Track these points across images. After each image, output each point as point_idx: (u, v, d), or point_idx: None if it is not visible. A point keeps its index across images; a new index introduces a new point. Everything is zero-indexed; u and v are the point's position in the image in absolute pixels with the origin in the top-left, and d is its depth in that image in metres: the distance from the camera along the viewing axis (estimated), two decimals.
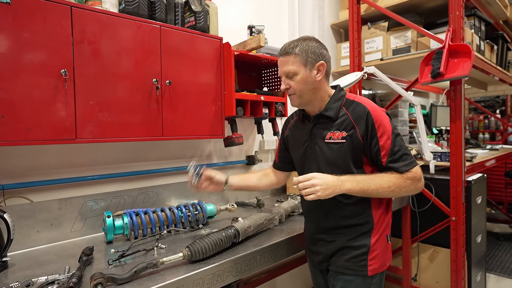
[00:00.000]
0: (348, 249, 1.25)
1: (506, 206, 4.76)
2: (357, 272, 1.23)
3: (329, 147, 1.23)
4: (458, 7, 2.15)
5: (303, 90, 1.22)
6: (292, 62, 1.20)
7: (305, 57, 1.19)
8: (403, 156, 1.18)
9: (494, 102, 5.25)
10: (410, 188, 1.18)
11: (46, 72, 1.28)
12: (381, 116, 1.19)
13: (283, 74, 1.24)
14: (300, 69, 1.20)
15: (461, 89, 2.19)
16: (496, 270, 3.14)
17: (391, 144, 1.17)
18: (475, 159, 2.50)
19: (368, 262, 1.23)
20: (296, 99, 1.25)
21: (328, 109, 1.25)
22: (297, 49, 1.19)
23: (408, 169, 1.17)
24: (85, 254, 1.24)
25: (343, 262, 1.25)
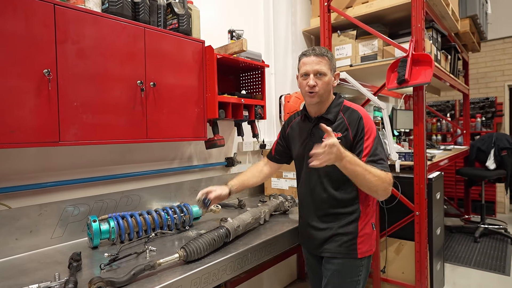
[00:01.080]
0: (339, 235, 1.40)
1: (456, 201, 5.21)
2: (349, 255, 1.39)
3: None
4: (419, 20, 2.35)
5: (326, 89, 1.39)
6: (324, 63, 1.37)
7: (333, 64, 1.41)
8: (380, 161, 1.33)
9: (445, 106, 5.74)
10: (386, 186, 1.29)
11: (29, 72, 1.23)
12: (371, 123, 1.37)
13: (314, 72, 1.37)
14: (328, 72, 1.38)
15: (423, 94, 2.40)
16: (451, 260, 3.44)
17: (372, 148, 1.33)
18: (434, 159, 2.73)
19: (357, 246, 1.39)
20: (317, 96, 1.39)
21: (328, 113, 1.43)
22: (329, 55, 1.40)
23: (386, 170, 1.32)
24: (74, 260, 1.21)
25: (336, 248, 1.40)
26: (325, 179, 1.41)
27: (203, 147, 2.19)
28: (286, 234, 1.64)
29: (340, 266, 1.40)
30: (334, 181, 1.39)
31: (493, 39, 5.31)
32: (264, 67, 2.27)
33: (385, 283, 2.66)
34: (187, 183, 2.10)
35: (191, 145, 2.17)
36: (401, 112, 4.18)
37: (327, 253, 1.42)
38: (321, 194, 1.42)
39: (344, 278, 1.40)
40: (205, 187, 2.15)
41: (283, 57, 2.99)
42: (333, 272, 1.41)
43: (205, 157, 2.27)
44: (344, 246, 1.39)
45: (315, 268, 1.57)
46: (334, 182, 1.40)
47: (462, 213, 4.88)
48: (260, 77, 2.31)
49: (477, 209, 4.95)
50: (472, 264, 3.32)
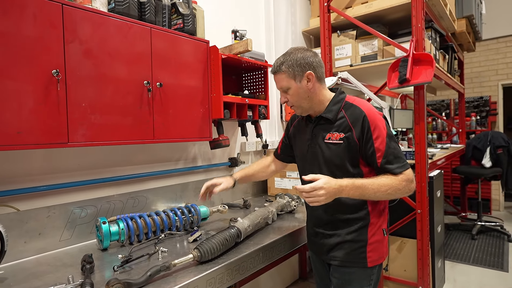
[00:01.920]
0: (348, 242, 1.32)
1: (452, 199, 5.28)
2: (358, 264, 1.31)
3: (328, 147, 1.32)
4: (420, 20, 2.38)
5: (298, 100, 1.32)
6: (282, 79, 1.30)
7: (292, 72, 1.28)
8: (396, 158, 1.24)
9: (440, 105, 5.81)
10: (405, 189, 1.23)
11: (37, 72, 1.22)
12: (376, 119, 1.25)
13: (279, 89, 1.35)
14: (291, 83, 1.29)
15: (423, 93, 2.43)
16: (450, 257, 3.49)
17: (385, 146, 1.23)
18: (434, 157, 2.77)
19: (367, 254, 1.30)
20: (296, 109, 1.36)
21: (327, 112, 1.33)
22: (283, 66, 1.29)
23: (402, 171, 1.23)
24: (87, 262, 1.20)
25: (344, 256, 1.32)
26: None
27: (207, 148, 2.19)
28: (295, 233, 1.64)
29: (348, 275, 1.32)
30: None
31: (487, 39, 5.40)
32: (267, 67, 2.27)
33: (387, 281, 2.69)
34: (192, 183, 2.09)
35: (195, 146, 2.17)
36: (398, 111, 4.22)
37: (335, 261, 1.35)
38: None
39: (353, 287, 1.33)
40: None
41: None
42: (342, 281, 1.34)
43: (209, 157, 2.26)
44: (353, 254, 1.31)
45: (321, 274, 1.50)
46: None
47: (458, 210, 4.94)
48: (263, 77, 2.31)
49: (473, 206, 5.01)
50: (471, 261, 3.37)
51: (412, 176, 1.25)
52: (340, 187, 1.15)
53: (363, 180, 1.20)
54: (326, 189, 1.12)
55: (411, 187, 1.24)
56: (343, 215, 1.33)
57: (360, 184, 1.19)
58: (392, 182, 1.21)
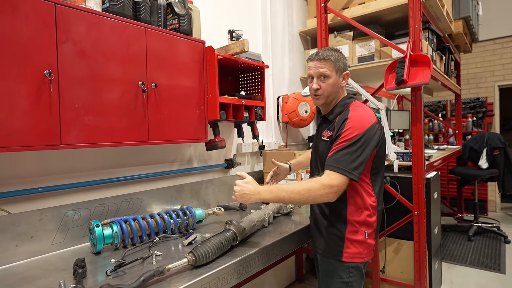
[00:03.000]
0: (327, 234, 1.42)
1: (449, 200, 5.29)
2: (335, 256, 1.39)
3: (321, 143, 1.45)
4: (417, 21, 2.37)
5: (331, 92, 1.41)
6: (327, 66, 1.38)
7: (337, 65, 1.39)
8: (340, 162, 1.25)
9: (436, 106, 5.82)
10: (320, 192, 1.22)
11: (29, 72, 1.19)
12: (356, 124, 1.29)
13: (318, 75, 1.40)
14: (333, 74, 1.39)
15: (421, 95, 2.42)
16: (447, 258, 3.48)
17: (342, 147, 1.27)
18: (431, 158, 2.76)
19: (344, 249, 1.37)
20: (322, 98, 1.43)
21: (330, 113, 1.45)
22: (333, 57, 1.39)
23: (333, 170, 1.25)
24: (79, 266, 1.17)
25: (324, 246, 1.43)
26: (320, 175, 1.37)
27: (202, 149, 2.17)
28: (292, 236, 1.63)
29: (327, 266, 1.42)
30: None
31: (484, 40, 5.41)
32: (263, 68, 2.26)
33: (384, 283, 2.67)
34: (188, 185, 2.07)
35: (191, 147, 2.14)
36: (395, 112, 4.22)
37: (318, 249, 1.47)
38: None
39: (329, 280, 1.41)
40: (205, 190, 2.17)
41: (280, 58, 2.98)
42: (324, 272, 1.45)
43: (205, 159, 2.24)
44: (331, 246, 1.40)
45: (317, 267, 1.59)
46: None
47: (455, 212, 4.94)
48: (259, 78, 2.30)
49: (470, 208, 5.02)
50: (468, 263, 3.37)
51: (336, 184, 1.23)
52: (256, 189, 1.27)
53: (280, 186, 1.28)
54: (240, 186, 1.28)
55: (329, 192, 1.23)
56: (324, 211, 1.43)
57: (275, 188, 1.27)
58: (308, 184, 1.25)
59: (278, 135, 2.92)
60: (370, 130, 1.30)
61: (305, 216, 1.97)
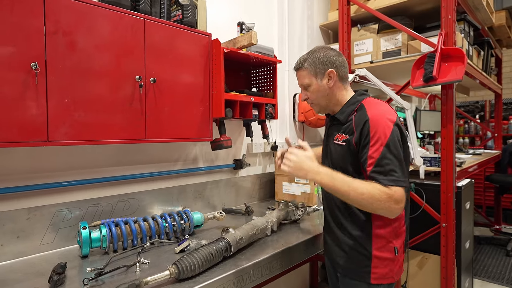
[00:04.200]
0: (348, 250, 1.26)
1: (485, 209, 4.86)
2: (360, 277, 1.23)
3: (334, 147, 1.30)
4: (450, 10, 2.12)
5: (318, 98, 1.32)
6: (304, 75, 1.31)
7: (314, 69, 1.28)
8: (390, 172, 1.10)
9: (473, 107, 5.37)
10: (384, 205, 1.07)
11: (14, 65, 1.13)
12: (380, 125, 1.14)
13: (300, 86, 1.36)
14: (312, 81, 1.30)
15: (452, 93, 2.17)
16: (480, 275, 3.16)
17: (380, 155, 1.12)
18: (464, 164, 2.49)
19: (372, 270, 1.21)
20: (314, 107, 1.38)
21: (340, 113, 1.31)
22: (306, 63, 1.30)
23: (391, 185, 1.09)
24: (56, 272, 1.09)
25: (345, 264, 1.27)
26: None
27: (209, 148, 2.06)
28: (297, 248, 1.47)
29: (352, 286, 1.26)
30: None
31: None
32: (276, 63, 2.11)
33: None
34: (192, 186, 1.97)
35: (196, 146, 2.04)
36: (425, 112, 3.92)
37: (339, 269, 1.31)
38: (334, 199, 1.30)
39: None
40: (210, 191, 2.06)
41: (298, 53, 2.80)
42: None
43: (211, 158, 2.13)
44: (355, 265, 1.24)
45: (333, 281, 1.45)
46: None
47: (491, 222, 4.53)
48: (272, 74, 2.15)
49: (509, 219, 4.59)
50: (505, 281, 3.02)
51: (400, 196, 1.08)
52: (317, 167, 1.14)
53: (345, 176, 1.13)
54: (299, 157, 1.16)
55: (393, 207, 1.08)
56: (346, 219, 1.27)
57: (338, 176, 1.12)
58: (372, 189, 1.08)
59: (294, 135, 2.75)
60: (395, 128, 1.15)
61: (317, 223, 1.81)
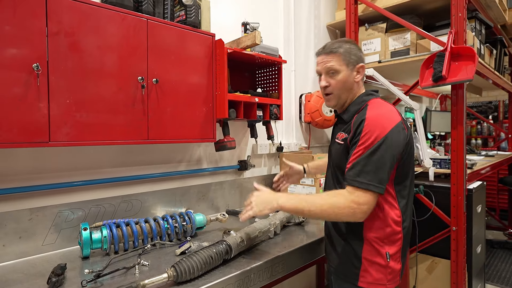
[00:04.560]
0: (342, 251, 1.25)
1: (498, 213, 4.74)
2: (349, 278, 1.22)
3: (334, 146, 1.29)
4: (461, 8, 2.06)
5: (341, 89, 1.24)
6: (335, 60, 1.22)
7: (348, 58, 1.22)
8: (363, 173, 1.07)
9: (486, 107, 5.25)
10: (346, 211, 1.07)
11: (16, 66, 1.14)
12: (373, 127, 1.11)
13: (325, 70, 1.25)
14: (342, 68, 1.22)
15: (463, 93, 2.11)
16: (493, 280, 3.07)
17: (360, 155, 1.10)
18: (475, 166, 2.42)
19: (360, 273, 1.19)
20: (333, 99, 1.27)
21: (345, 112, 1.28)
22: (342, 49, 1.22)
23: (356, 185, 1.07)
24: (55, 274, 1.09)
25: (340, 265, 1.26)
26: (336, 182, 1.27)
27: (213, 149, 2.04)
28: (299, 251, 1.45)
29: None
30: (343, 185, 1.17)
31: None
32: (281, 63, 2.08)
33: None
34: (195, 187, 1.95)
35: (200, 147, 2.03)
36: (436, 113, 3.83)
37: (331, 268, 1.32)
38: None
39: None
40: (214, 192, 2.04)
41: (304, 53, 2.78)
42: None
43: (216, 159, 2.11)
44: (346, 265, 1.23)
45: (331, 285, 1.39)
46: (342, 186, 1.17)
47: (505, 226, 4.40)
48: (276, 74, 2.12)
49: None
50: None
51: (364, 202, 1.07)
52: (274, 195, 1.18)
53: (302, 194, 1.18)
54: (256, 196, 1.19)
55: (356, 212, 1.07)
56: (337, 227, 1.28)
57: (294, 196, 1.17)
58: (331, 198, 1.11)
59: (300, 136, 2.72)
60: (393, 132, 1.11)
61: (322, 226, 1.77)
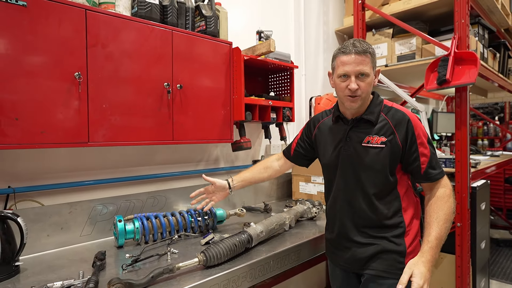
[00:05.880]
0: (387, 252, 1.24)
1: (505, 212, 4.79)
2: (397, 275, 1.17)
3: (366, 151, 1.24)
4: (463, 15, 2.17)
5: (368, 92, 1.23)
6: (367, 62, 1.18)
7: (375, 60, 1.22)
8: (437, 164, 1.23)
9: (492, 109, 5.31)
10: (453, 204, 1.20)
11: (61, 74, 1.28)
12: (419, 124, 1.23)
13: (356, 73, 1.18)
14: (371, 72, 1.21)
15: (466, 96, 2.21)
16: (498, 276, 3.15)
17: (430, 151, 1.22)
18: (479, 166, 2.51)
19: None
20: (359, 100, 1.22)
21: (368, 113, 1.25)
22: (372, 50, 1.20)
23: (441, 176, 1.22)
24: (98, 259, 1.23)
25: (381, 266, 1.24)
26: (367, 187, 1.24)
27: (230, 149, 2.18)
28: (312, 242, 1.57)
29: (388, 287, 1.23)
30: (377, 189, 1.23)
31: None
32: (293, 68, 2.21)
33: None
34: None
35: (217, 147, 2.17)
36: (442, 114, 3.93)
37: (372, 270, 1.25)
38: (362, 204, 1.26)
39: None
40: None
41: (314, 58, 2.90)
42: None
43: (232, 159, 2.25)
44: (391, 264, 1.23)
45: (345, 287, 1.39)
46: (377, 190, 1.24)
47: (511, 225, 4.46)
48: (289, 79, 2.25)
49: None
50: None
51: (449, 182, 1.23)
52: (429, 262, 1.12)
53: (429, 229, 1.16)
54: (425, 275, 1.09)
55: (453, 198, 1.22)
56: (379, 221, 1.25)
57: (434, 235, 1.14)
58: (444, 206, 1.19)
59: None
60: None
61: None
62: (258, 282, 1.31)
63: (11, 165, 1.39)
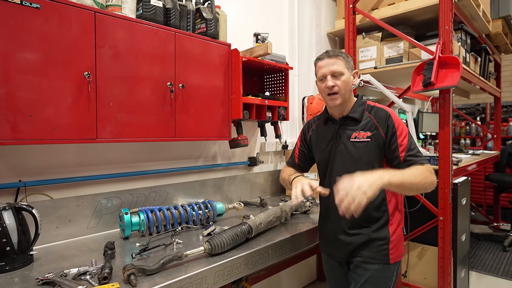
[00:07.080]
0: (373, 241, 1.37)
1: (485, 208, 5.03)
2: (382, 260, 1.36)
3: (354, 145, 1.39)
4: (447, 21, 2.32)
5: (345, 89, 1.38)
6: (339, 63, 1.37)
7: (348, 62, 1.40)
8: (418, 153, 1.33)
9: (474, 109, 5.54)
10: (431, 179, 1.25)
11: (71, 74, 1.34)
12: (399, 119, 1.37)
13: (331, 73, 1.37)
14: (345, 71, 1.38)
15: (449, 97, 2.36)
16: (478, 268, 3.34)
17: (407, 142, 1.33)
18: (460, 163, 2.67)
19: (390, 251, 1.37)
20: (338, 97, 1.38)
21: (353, 112, 1.42)
22: (344, 54, 1.39)
23: (424, 162, 1.31)
24: (109, 248, 1.31)
25: (368, 253, 1.37)
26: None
27: (227, 147, 2.27)
28: (307, 233, 1.68)
29: (375, 272, 1.36)
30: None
31: None
32: (288, 70, 2.31)
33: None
34: (211, 180, 2.18)
35: (215, 144, 2.25)
36: (428, 115, 4.09)
37: (360, 257, 1.39)
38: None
39: (379, 285, 1.37)
40: (228, 186, 2.27)
41: (307, 59, 3.02)
42: (367, 278, 1.37)
43: (228, 156, 2.34)
44: (377, 251, 1.36)
45: (339, 277, 1.52)
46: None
47: (490, 220, 4.70)
48: (283, 79, 2.35)
49: (507, 216, 4.74)
50: (500, 274, 3.21)
51: (432, 169, 1.30)
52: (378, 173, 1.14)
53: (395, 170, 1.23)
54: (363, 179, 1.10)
55: (434, 179, 1.28)
56: (367, 213, 1.32)
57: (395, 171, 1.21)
58: (421, 170, 1.25)
59: None
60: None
61: None
62: (258, 270, 1.41)
63: (22, 160, 1.45)
